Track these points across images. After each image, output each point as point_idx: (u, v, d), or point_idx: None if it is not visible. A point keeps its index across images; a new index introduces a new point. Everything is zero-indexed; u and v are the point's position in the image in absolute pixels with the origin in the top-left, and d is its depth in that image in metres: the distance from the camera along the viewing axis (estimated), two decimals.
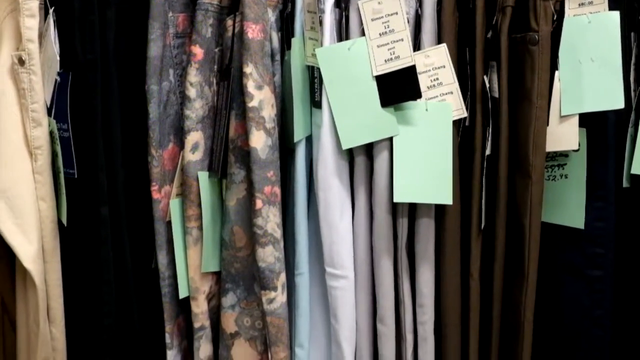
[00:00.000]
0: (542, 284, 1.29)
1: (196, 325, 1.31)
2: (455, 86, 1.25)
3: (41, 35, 1.23)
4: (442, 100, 1.25)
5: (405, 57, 1.22)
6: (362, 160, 1.28)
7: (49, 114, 1.25)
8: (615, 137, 1.27)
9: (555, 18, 1.22)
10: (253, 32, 1.21)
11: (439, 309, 1.30)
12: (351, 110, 1.24)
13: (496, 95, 1.25)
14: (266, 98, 1.23)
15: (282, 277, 1.26)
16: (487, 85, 1.25)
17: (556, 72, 1.23)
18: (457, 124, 1.27)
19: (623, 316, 1.32)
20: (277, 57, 1.29)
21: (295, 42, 1.28)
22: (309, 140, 1.31)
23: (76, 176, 1.28)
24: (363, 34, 1.23)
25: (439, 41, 1.25)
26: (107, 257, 1.27)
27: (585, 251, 1.28)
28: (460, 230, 1.29)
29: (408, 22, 1.23)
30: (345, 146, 1.25)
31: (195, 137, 1.27)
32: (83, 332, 1.33)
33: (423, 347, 1.30)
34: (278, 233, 1.25)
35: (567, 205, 1.28)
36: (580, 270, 1.28)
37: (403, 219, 1.28)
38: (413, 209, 1.28)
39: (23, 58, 1.21)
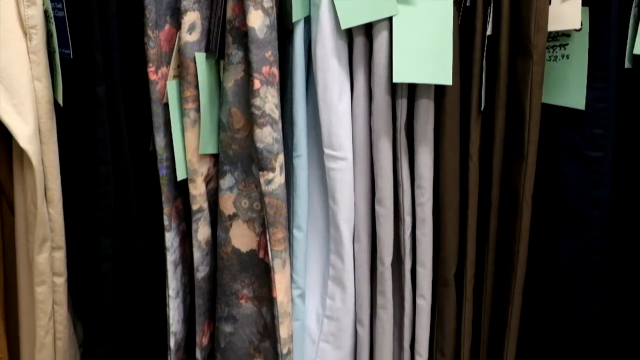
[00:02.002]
0: (541, 166, 1.28)
1: (194, 207, 1.31)
2: None
3: None
4: None
5: None
6: (361, 41, 1.27)
7: None
8: (618, 17, 1.26)
9: None
10: None
11: (438, 190, 1.30)
12: None
13: None
14: None
15: (280, 158, 1.26)
16: None
17: None
18: (457, 3, 1.25)
19: (621, 199, 1.31)
20: None
21: None
22: (308, 20, 1.29)
23: (71, 56, 1.26)
24: None
25: None
26: (104, 138, 1.26)
27: (585, 132, 1.27)
28: (460, 111, 1.28)
29: None
30: (344, 26, 1.24)
31: (192, 17, 1.25)
32: (81, 213, 1.33)
33: (421, 228, 1.30)
34: (276, 114, 1.25)
35: (568, 86, 1.27)
36: (580, 152, 1.28)
37: (402, 99, 1.27)
38: (412, 90, 1.27)
39: None
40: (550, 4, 1.23)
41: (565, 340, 1.33)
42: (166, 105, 1.28)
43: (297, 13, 1.27)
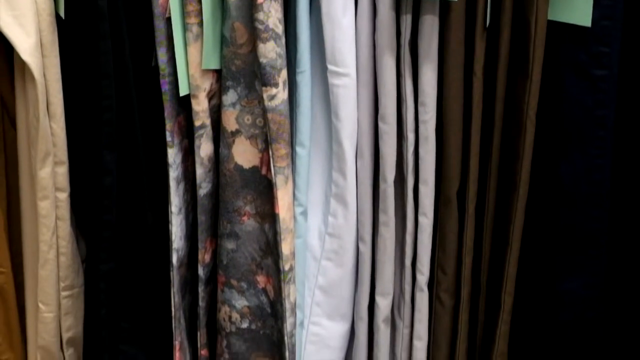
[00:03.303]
0: (546, 84, 1.28)
1: (197, 123, 1.30)
2: None
3: None
4: None
5: None
6: None
7: None
8: None
9: None
10: None
11: (441, 107, 1.29)
12: None
13: None
14: None
15: (284, 73, 1.25)
16: None
17: None
18: None
19: (624, 117, 1.31)
20: None
21: None
22: None
23: None
24: None
25: None
26: (106, 51, 1.25)
27: (590, 49, 1.26)
28: (465, 27, 1.27)
29: None
30: None
31: None
32: (83, 128, 1.32)
33: (424, 145, 1.30)
34: (279, 28, 1.24)
35: (574, 2, 1.25)
36: (585, 69, 1.27)
37: (406, 15, 1.25)
38: (417, 5, 1.26)
39: None
40: None
41: (566, 258, 1.33)
42: (168, 20, 1.27)
43: None
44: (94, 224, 1.35)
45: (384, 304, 1.37)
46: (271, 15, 1.22)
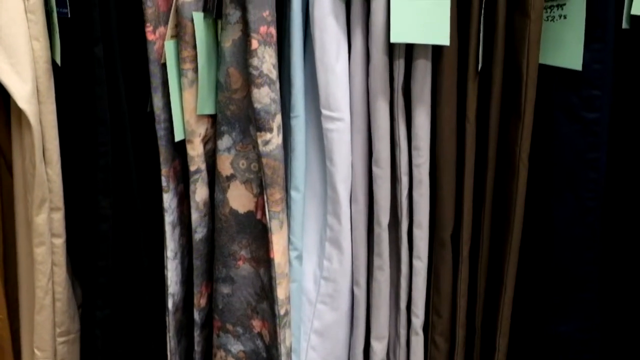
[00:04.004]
0: (538, 126, 1.28)
1: (192, 168, 1.31)
2: None
3: None
4: None
5: None
6: (359, 1, 1.27)
7: None
8: None
9: None
10: None
11: (435, 151, 1.30)
12: None
13: None
14: None
15: (278, 118, 1.26)
16: None
17: None
18: None
19: (616, 159, 1.31)
20: None
21: None
22: None
23: (69, 15, 1.26)
24: None
25: None
26: (102, 97, 1.26)
27: (581, 93, 1.27)
28: (457, 71, 1.28)
29: None
30: None
31: None
32: (79, 174, 1.33)
33: (418, 189, 1.31)
34: (274, 74, 1.25)
35: (565, 46, 1.27)
36: (576, 112, 1.28)
37: (399, 60, 1.27)
38: (410, 50, 1.27)
39: None
40: None
41: (560, 300, 1.33)
42: (164, 66, 1.28)
43: None
44: (90, 269, 1.36)
45: (379, 348, 1.37)
46: (265, 61, 1.23)
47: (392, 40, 1.23)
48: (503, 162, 1.30)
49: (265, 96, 1.24)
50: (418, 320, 1.35)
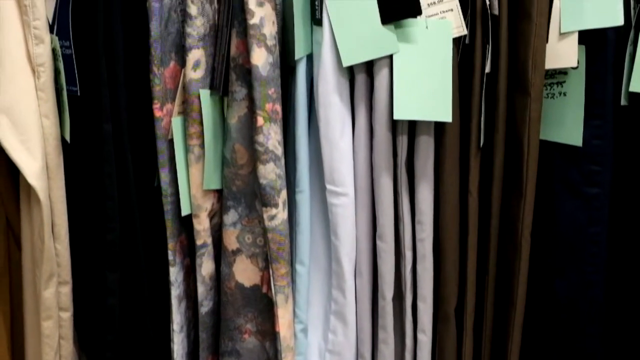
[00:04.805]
0: (539, 201, 1.30)
1: (198, 242, 1.32)
2: (455, 3, 1.25)
3: None
4: (442, 17, 1.26)
5: None
6: (363, 78, 1.29)
7: (51, 31, 1.25)
8: (614, 55, 1.28)
9: None
10: None
11: (438, 226, 1.31)
12: (352, 28, 1.24)
13: (496, 12, 1.26)
14: (267, 15, 1.23)
15: (283, 194, 1.28)
16: (487, 2, 1.25)
17: None
18: (457, 41, 1.28)
19: (619, 234, 1.33)
20: None
21: None
22: (310, 58, 1.31)
23: (79, 94, 1.28)
24: None
25: None
26: (110, 173, 1.27)
27: (582, 169, 1.29)
28: (459, 147, 1.30)
29: None
30: (345, 63, 1.26)
31: (197, 55, 1.27)
32: (87, 248, 1.34)
33: (422, 263, 1.32)
34: (279, 150, 1.27)
35: (565, 123, 1.29)
36: (577, 188, 1.30)
37: (403, 136, 1.29)
38: (413, 126, 1.29)
39: None
40: (547, 42, 1.24)
41: None
42: (171, 142, 1.30)
43: (300, 50, 1.29)
44: (97, 344, 1.36)
45: None
46: (271, 137, 1.25)
47: (396, 117, 1.25)
48: (506, 237, 1.32)
49: (270, 172, 1.26)
50: None
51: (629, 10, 1.28)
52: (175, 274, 1.33)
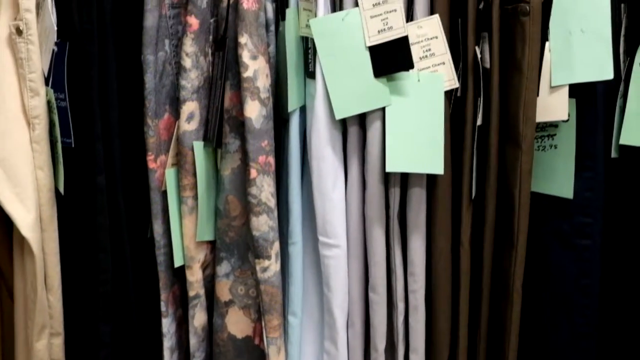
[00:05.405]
0: (531, 253, 1.31)
1: (191, 293, 1.32)
2: (447, 57, 1.26)
3: (38, 5, 1.23)
4: (434, 71, 1.27)
5: (398, 27, 1.23)
6: (355, 130, 1.30)
7: (47, 84, 1.26)
8: (604, 108, 1.30)
9: None
10: (248, 2, 1.22)
11: (430, 277, 1.32)
12: (344, 81, 1.26)
13: (487, 66, 1.27)
14: (261, 68, 1.24)
15: (276, 245, 1.28)
16: (479, 56, 1.27)
17: (547, 43, 1.25)
18: (448, 94, 1.29)
19: (610, 286, 1.33)
20: (272, 28, 1.30)
21: (290, 12, 1.29)
22: (303, 110, 1.33)
23: (73, 145, 1.29)
24: (357, 4, 1.24)
25: (432, 12, 1.27)
26: (103, 225, 1.28)
27: (573, 220, 1.30)
28: (451, 199, 1.31)
29: None
30: (338, 116, 1.27)
31: (191, 107, 1.28)
32: (79, 300, 1.34)
33: (414, 315, 1.32)
34: (272, 202, 1.27)
35: (556, 175, 1.30)
36: (569, 240, 1.30)
37: (395, 188, 1.29)
38: (405, 179, 1.30)
39: (20, 28, 1.21)
40: (538, 95, 1.25)
41: None
42: (164, 193, 1.30)
43: (293, 103, 1.30)
44: None
45: None
46: (264, 190, 1.26)
47: (388, 169, 1.26)
48: (497, 289, 1.32)
49: (263, 224, 1.26)
50: None
51: (618, 63, 1.29)
52: (168, 325, 1.33)
